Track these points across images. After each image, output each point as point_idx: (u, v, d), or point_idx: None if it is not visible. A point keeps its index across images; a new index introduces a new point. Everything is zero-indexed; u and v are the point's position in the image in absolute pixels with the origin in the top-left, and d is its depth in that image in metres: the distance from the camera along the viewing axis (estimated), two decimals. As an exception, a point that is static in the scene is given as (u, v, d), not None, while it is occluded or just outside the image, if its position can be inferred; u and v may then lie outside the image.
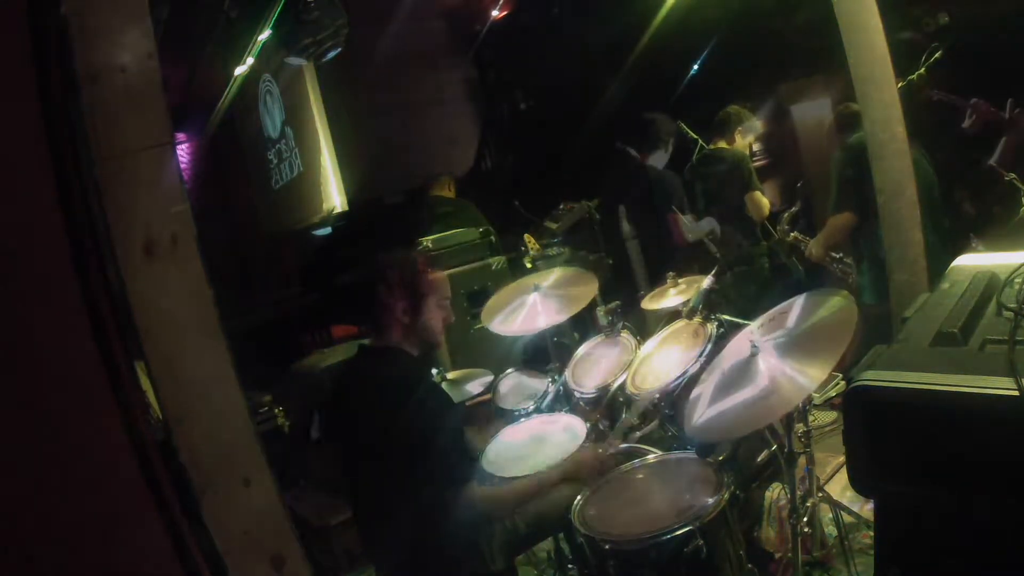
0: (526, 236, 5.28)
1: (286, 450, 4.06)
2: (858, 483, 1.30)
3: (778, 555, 2.43)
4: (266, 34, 5.15)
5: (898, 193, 2.85)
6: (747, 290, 4.19)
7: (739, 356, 1.99)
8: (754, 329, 2.08)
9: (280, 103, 6.43)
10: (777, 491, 2.56)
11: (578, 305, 2.89)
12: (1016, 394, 1.06)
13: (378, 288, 2.18)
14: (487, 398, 3.01)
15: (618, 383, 2.60)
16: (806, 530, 2.23)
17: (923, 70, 3.33)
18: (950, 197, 3.39)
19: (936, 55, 3.34)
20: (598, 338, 3.01)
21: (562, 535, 2.43)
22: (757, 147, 5.43)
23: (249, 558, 1.23)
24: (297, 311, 6.34)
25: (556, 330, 3.14)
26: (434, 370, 2.90)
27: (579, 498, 2.13)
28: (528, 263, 5.06)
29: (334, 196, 5.90)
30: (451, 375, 3.16)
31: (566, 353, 3.05)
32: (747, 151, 4.54)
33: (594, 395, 2.67)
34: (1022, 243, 1.73)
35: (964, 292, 1.51)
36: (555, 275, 3.05)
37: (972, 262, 1.70)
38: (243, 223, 7.70)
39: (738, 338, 2.15)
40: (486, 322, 3.03)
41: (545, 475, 2.18)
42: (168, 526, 1.15)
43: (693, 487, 2.02)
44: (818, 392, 3.01)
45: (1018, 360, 1.13)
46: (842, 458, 2.81)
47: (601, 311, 3.04)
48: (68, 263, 1.12)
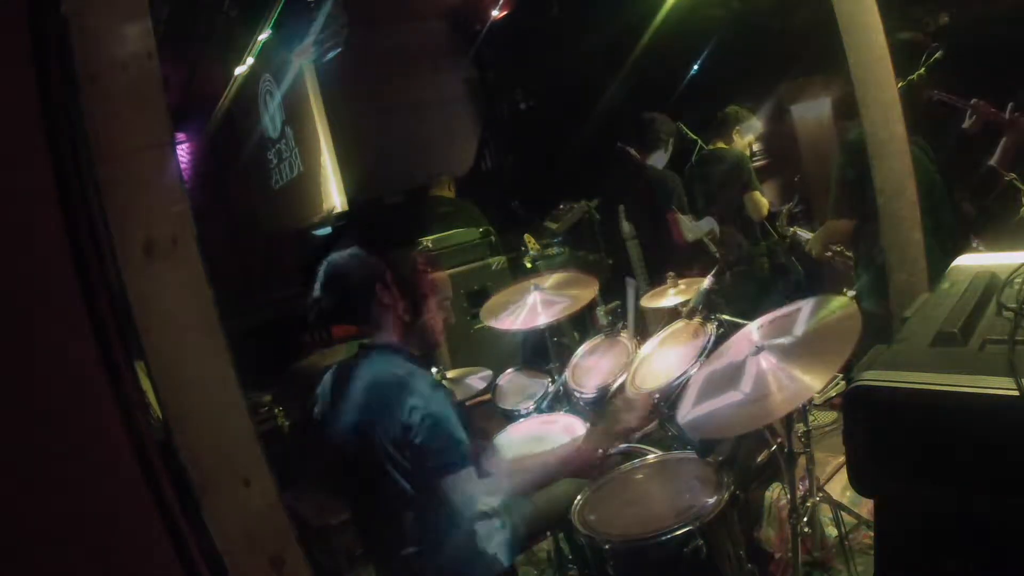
0: (526, 236, 5.28)
1: (286, 450, 4.06)
2: (858, 483, 1.30)
3: (778, 555, 2.44)
4: (266, 34, 5.16)
5: (898, 193, 2.84)
6: (747, 290, 4.20)
7: (738, 355, 1.99)
8: (754, 329, 2.08)
9: (280, 103, 6.44)
10: (777, 491, 2.57)
11: (578, 305, 2.90)
12: (1016, 394, 1.06)
13: (378, 288, 2.18)
14: (487, 398, 3.01)
15: (618, 383, 2.61)
16: (806, 530, 2.23)
17: (923, 70, 3.32)
18: (950, 197, 3.38)
19: (936, 55, 3.34)
20: (598, 338, 3.01)
21: (562, 535, 2.43)
22: (757, 147, 5.43)
23: (249, 558, 1.23)
24: (297, 311, 6.33)
25: (556, 330, 3.14)
26: (434, 369, 2.90)
27: (579, 498, 2.13)
28: (528, 263, 5.06)
29: (334, 196, 5.90)
30: (451, 374, 3.17)
31: (566, 353, 3.05)
32: (746, 151, 4.54)
33: (594, 395, 2.67)
34: (1022, 243, 1.73)
35: (964, 292, 1.51)
36: (555, 276, 3.06)
37: (972, 262, 1.69)
38: (243, 223, 7.70)
39: (738, 337, 2.15)
40: (486, 321, 3.03)
41: (545, 458, 2.17)
42: (168, 526, 1.15)
43: (693, 487, 2.02)
44: (818, 392, 3.01)
45: (1018, 360, 1.13)
46: (842, 458, 2.81)
47: (601, 311, 3.05)
48: (68, 263, 1.12)
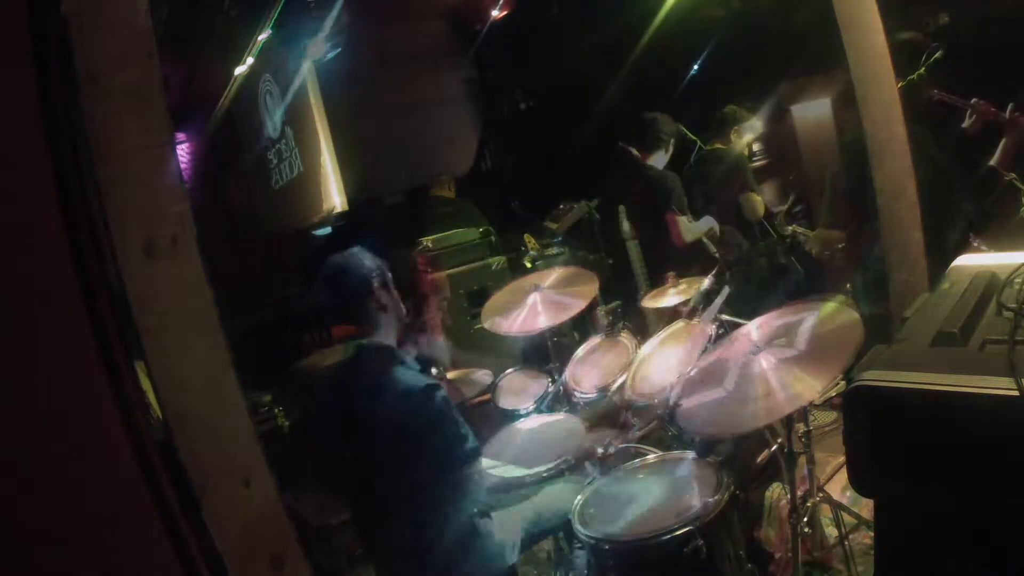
0: (526, 236, 5.29)
1: (286, 450, 4.05)
2: (858, 483, 1.30)
3: (778, 555, 2.43)
4: (266, 34, 5.16)
5: (898, 193, 2.84)
6: (746, 290, 4.19)
7: (738, 355, 1.99)
8: (754, 329, 2.08)
9: (280, 103, 6.43)
10: (777, 491, 2.56)
11: (578, 305, 2.89)
12: (1016, 394, 1.06)
13: (376, 288, 2.18)
14: (487, 398, 3.01)
15: (618, 384, 2.60)
16: (806, 530, 2.23)
17: (923, 70, 3.32)
18: (946, 201, 3.37)
19: (936, 55, 3.34)
20: (598, 338, 3.01)
21: (562, 535, 2.43)
22: (757, 147, 5.43)
23: (249, 558, 1.23)
24: (297, 311, 6.34)
25: (556, 330, 3.14)
26: (434, 369, 2.90)
27: (579, 498, 2.13)
28: (528, 263, 5.07)
29: (334, 196, 5.90)
30: (451, 375, 3.16)
31: (566, 353, 3.05)
32: (745, 151, 4.54)
33: (594, 395, 2.67)
34: (1022, 243, 1.73)
35: (964, 292, 1.51)
36: (556, 274, 3.05)
37: (972, 262, 1.69)
38: (243, 223, 7.69)
39: (737, 337, 2.15)
40: (486, 322, 3.03)
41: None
42: (168, 526, 1.15)
43: (693, 487, 2.02)
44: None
45: (1018, 360, 1.13)
46: (842, 458, 2.81)
47: (601, 311, 3.04)
48: (68, 263, 1.12)
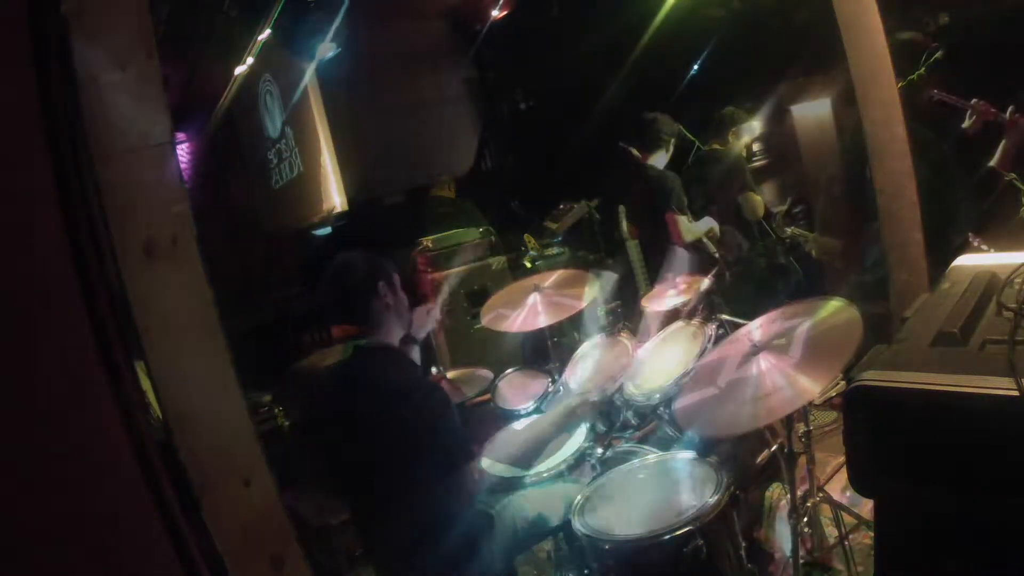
0: (526, 236, 5.29)
1: (286, 450, 4.05)
2: (858, 483, 1.30)
3: (778, 555, 2.43)
4: (266, 34, 5.15)
5: (898, 193, 2.85)
6: (746, 290, 4.19)
7: (738, 355, 1.99)
8: (754, 329, 2.08)
9: (280, 103, 6.43)
10: (777, 491, 2.56)
11: (578, 305, 2.89)
12: (1016, 394, 1.06)
13: (381, 287, 2.18)
14: (487, 398, 3.01)
15: (618, 383, 2.60)
16: (806, 530, 2.23)
17: (923, 70, 3.32)
18: (949, 197, 3.37)
19: (936, 55, 3.34)
20: (598, 338, 3.01)
21: (562, 535, 2.43)
22: (757, 147, 5.43)
23: (249, 558, 1.23)
24: (297, 311, 6.35)
25: (556, 330, 3.14)
26: (434, 369, 2.90)
27: (579, 498, 2.13)
28: (528, 263, 5.07)
29: (334, 196, 5.90)
30: (451, 375, 3.16)
31: (566, 353, 3.05)
32: (743, 152, 4.54)
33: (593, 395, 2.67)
34: (1022, 243, 1.73)
35: (964, 292, 1.51)
36: (555, 274, 3.05)
37: (972, 262, 1.69)
38: (243, 223, 7.69)
39: (737, 337, 2.15)
40: (486, 321, 3.03)
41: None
42: (168, 526, 1.15)
43: (693, 487, 2.02)
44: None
45: (1018, 360, 1.13)
46: (842, 458, 2.81)
47: (601, 311, 3.04)
48: (68, 263, 1.12)
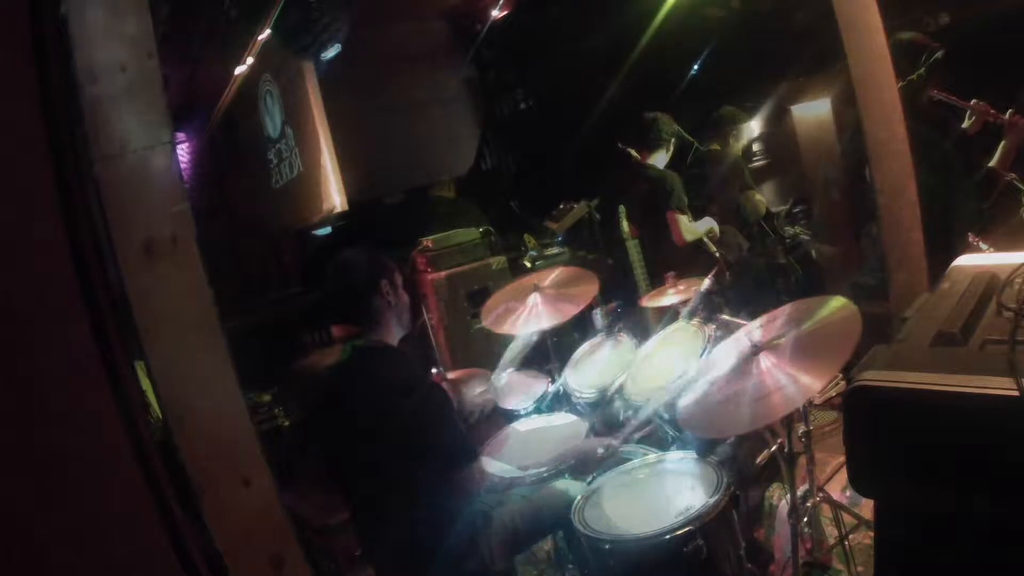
0: (526, 236, 5.29)
1: (286, 450, 4.05)
2: (858, 483, 1.29)
3: (778, 555, 2.43)
4: (266, 34, 5.15)
5: (898, 193, 2.85)
6: (746, 290, 4.19)
7: (738, 355, 1.99)
8: (754, 329, 2.08)
9: (280, 103, 6.43)
10: (777, 491, 2.56)
11: (578, 305, 2.89)
12: (1016, 394, 1.06)
13: (383, 286, 2.18)
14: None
15: (617, 384, 2.60)
16: (806, 530, 2.23)
17: (923, 70, 3.32)
18: (949, 197, 3.37)
19: (936, 55, 3.34)
20: (598, 338, 3.01)
21: (562, 535, 2.43)
22: (757, 147, 5.43)
23: (248, 558, 1.23)
24: (297, 311, 6.34)
25: (556, 330, 3.14)
26: (434, 370, 2.90)
27: (579, 498, 2.13)
28: (528, 263, 5.06)
29: (334, 196, 5.89)
30: (451, 375, 3.16)
31: (566, 353, 3.05)
32: (741, 152, 4.55)
33: (593, 396, 2.67)
34: (1022, 243, 1.73)
35: (964, 292, 1.51)
36: (555, 273, 3.04)
37: (972, 262, 1.69)
38: (243, 223, 7.70)
39: (737, 337, 2.15)
40: (486, 322, 3.03)
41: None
42: (168, 526, 1.15)
43: (693, 487, 2.02)
44: (818, 392, 3.01)
45: (1018, 360, 1.13)
46: (842, 458, 2.81)
47: (600, 311, 3.04)
48: (68, 263, 1.12)
